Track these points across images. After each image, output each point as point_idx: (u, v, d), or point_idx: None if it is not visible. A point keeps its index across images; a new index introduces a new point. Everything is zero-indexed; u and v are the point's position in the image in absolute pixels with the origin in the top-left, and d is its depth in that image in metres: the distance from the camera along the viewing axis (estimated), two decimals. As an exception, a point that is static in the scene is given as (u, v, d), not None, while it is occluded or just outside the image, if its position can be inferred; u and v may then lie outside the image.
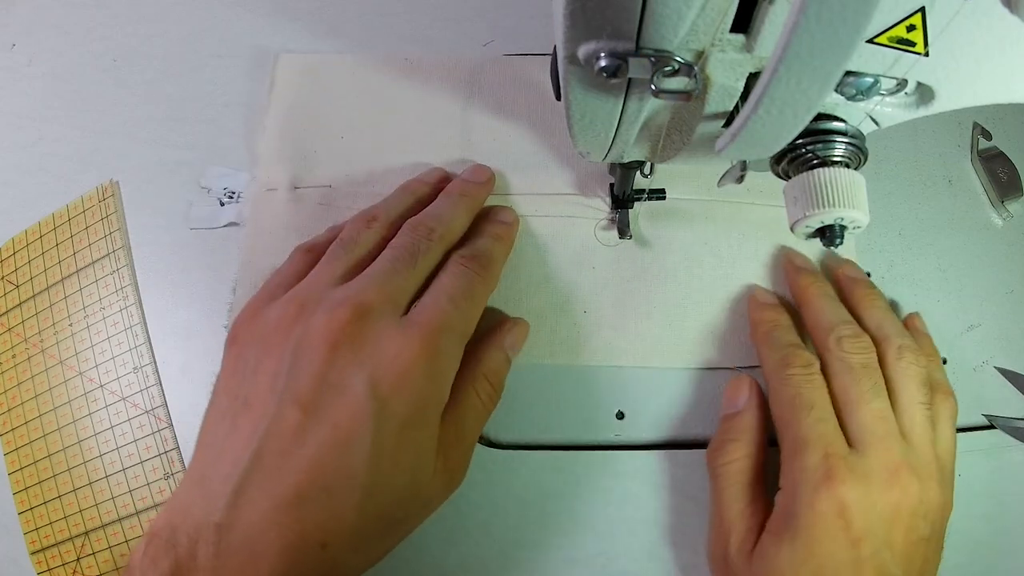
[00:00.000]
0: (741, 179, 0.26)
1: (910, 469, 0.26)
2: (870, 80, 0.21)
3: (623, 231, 0.34)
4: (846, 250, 0.35)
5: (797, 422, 0.27)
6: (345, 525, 0.23)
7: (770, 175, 0.26)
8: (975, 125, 0.37)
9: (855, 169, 0.24)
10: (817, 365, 0.29)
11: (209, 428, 0.26)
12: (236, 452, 0.24)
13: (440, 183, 0.34)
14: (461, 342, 0.27)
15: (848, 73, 0.21)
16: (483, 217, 0.33)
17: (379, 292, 0.26)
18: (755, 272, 0.34)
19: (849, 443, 0.27)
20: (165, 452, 0.33)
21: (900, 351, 0.29)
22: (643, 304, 0.34)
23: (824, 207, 0.23)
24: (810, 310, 0.31)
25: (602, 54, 0.19)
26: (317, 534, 0.23)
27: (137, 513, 0.33)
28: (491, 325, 0.32)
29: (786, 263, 0.33)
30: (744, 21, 0.19)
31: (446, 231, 0.30)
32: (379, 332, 0.25)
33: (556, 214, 0.35)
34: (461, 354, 0.28)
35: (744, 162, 0.25)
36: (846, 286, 0.33)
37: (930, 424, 0.28)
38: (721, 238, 0.35)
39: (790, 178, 0.25)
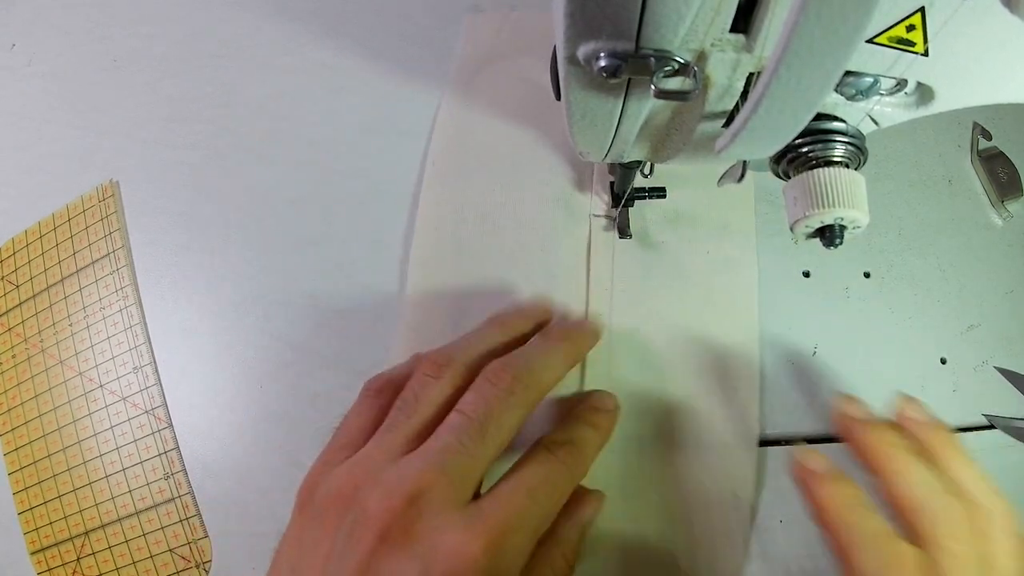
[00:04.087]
0: (741, 178, 0.26)
1: None
2: (870, 80, 0.21)
3: (623, 231, 0.34)
4: (846, 250, 0.35)
5: None
6: None
7: (769, 174, 0.26)
8: (975, 125, 0.37)
9: (855, 169, 0.24)
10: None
11: None
12: None
13: (542, 319, 0.31)
14: (534, 538, 0.24)
15: (848, 73, 0.21)
16: (580, 400, 0.31)
17: (439, 474, 0.23)
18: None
19: None
20: (165, 452, 0.33)
21: (991, 518, 0.24)
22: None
23: (824, 207, 0.23)
24: (893, 480, 0.25)
25: (602, 54, 0.19)
26: None
27: (137, 513, 0.33)
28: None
29: (838, 413, 0.27)
30: (744, 21, 0.19)
31: (533, 383, 0.26)
32: (437, 523, 0.23)
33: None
34: (532, 549, 0.24)
35: (744, 161, 0.25)
36: (918, 433, 0.27)
37: None
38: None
39: (790, 178, 0.25)
